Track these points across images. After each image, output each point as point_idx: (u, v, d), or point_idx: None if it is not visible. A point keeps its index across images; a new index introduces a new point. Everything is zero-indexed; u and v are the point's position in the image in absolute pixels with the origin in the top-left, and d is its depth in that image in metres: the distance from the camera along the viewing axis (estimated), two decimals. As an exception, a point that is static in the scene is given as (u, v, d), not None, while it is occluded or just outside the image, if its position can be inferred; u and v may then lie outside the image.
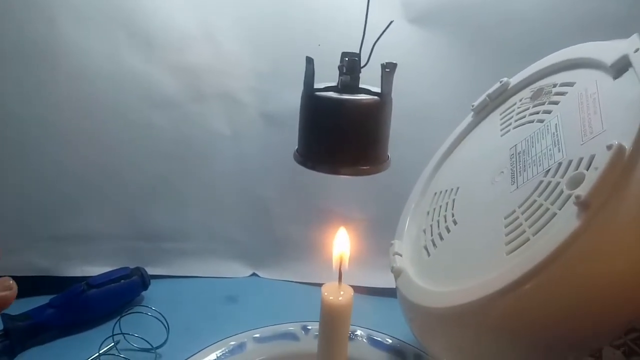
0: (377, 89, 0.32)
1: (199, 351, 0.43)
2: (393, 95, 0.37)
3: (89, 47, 0.54)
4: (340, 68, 0.32)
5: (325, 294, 0.33)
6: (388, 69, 0.32)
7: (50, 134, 0.55)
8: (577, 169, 0.31)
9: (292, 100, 0.39)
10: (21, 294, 0.54)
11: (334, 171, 0.31)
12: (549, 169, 0.33)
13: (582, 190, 0.28)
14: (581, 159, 0.31)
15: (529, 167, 0.35)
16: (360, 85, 0.33)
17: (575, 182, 0.30)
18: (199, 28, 0.55)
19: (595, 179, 0.27)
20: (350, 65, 0.34)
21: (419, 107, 0.57)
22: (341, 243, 0.34)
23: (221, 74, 0.57)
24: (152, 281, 0.56)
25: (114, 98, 0.56)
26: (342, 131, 0.30)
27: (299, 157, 0.33)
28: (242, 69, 0.58)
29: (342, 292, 0.33)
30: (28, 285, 0.55)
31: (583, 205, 0.27)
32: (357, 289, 0.58)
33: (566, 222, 0.28)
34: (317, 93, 0.30)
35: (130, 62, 0.55)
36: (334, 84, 0.32)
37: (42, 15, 0.51)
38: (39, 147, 0.55)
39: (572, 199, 0.28)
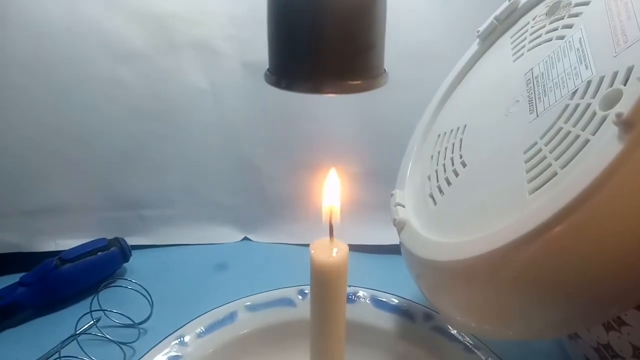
0: None
1: (184, 324, 0.39)
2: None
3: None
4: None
5: (314, 252, 0.28)
6: None
7: (4, 99, 0.49)
8: (611, 86, 0.25)
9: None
10: (-11, 274, 0.51)
11: (315, 89, 0.25)
12: (576, 90, 0.27)
13: (623, 107, 0.22)
14: (616, 74, 0.25)
15: (550, 91, 0.30)
16: None
17: (611, 100, 0.24)
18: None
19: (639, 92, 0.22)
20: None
21: (416, 41, 0.51)
22: (331, 190, 0.28)
23: (193, 21, 0.51)
24: (133, 252, 0.52)
25: (74, 53, 0.50)
26: (321, 35, 0.24)
27: (271, 77, 0.26)
28: (216, 14, 0.51)
29: (335, 249, 0.28)
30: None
31: (626, 124, 0.22)
32: (356, 248, 0.54)
33: (604, 147, 0.22)
34: (286, -14, 0.24)
35: (90, 11, 0.49)
36: None
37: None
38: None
39: (612, 118, 0.22)
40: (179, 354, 0.37)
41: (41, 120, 0.51)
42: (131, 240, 0.53)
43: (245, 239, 0.58)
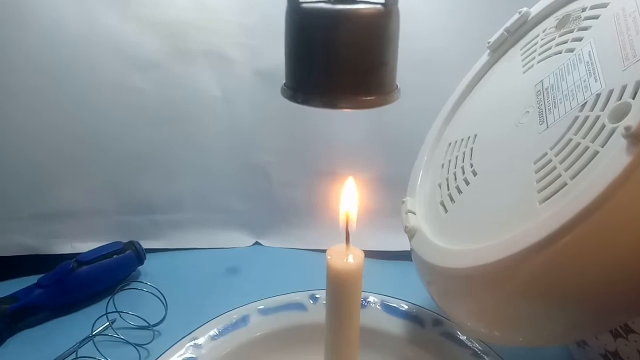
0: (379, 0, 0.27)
1: (199, 327, 0.40)
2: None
3: (59, 5, 0.48)
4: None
5: (330, 258, 0.29)
6: None
7: (22, 104, 0.50)
8: (620, 99, 0.26)
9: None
10: (7, 275, 0.52)
11: (330, 104, 0.26)
12: (585, 102, 0.28)
13: (632, 121, 0.23)
14: (624, 87, 0.26)
15: (560, 102, 0.30)
16: None
17: (620, 113, 0.25)
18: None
19: (648, 106, 0.23)
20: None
21: (427, 50, 0.51)
22: (348, 197, 0.29)
23: (206, 30, 0.52)
24: (148, 255, 0.53)
25: (90, 60, 0.51)
26: (337, 53, 0.25)
27: (288, 92, 0.27)
28: (228, 23, 0.52)
29: (350, 255, 0.29)
30: (14, 265, 0.53)
31: (634, 137, 0.22)
32: (367, 253, 0.55)
33: (613, 159, 0.23)
34: (304, 5, 0.25)
35: (106, 19, 0.50)
36: None
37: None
38: (10, 119, 0.51)
39: (621, 131, 0.23)
40: (193, 355, 0.38)
41: (57, 125, 0.52)
42: (145, 244, 0.54)
43: (257, 243, 0.59)
